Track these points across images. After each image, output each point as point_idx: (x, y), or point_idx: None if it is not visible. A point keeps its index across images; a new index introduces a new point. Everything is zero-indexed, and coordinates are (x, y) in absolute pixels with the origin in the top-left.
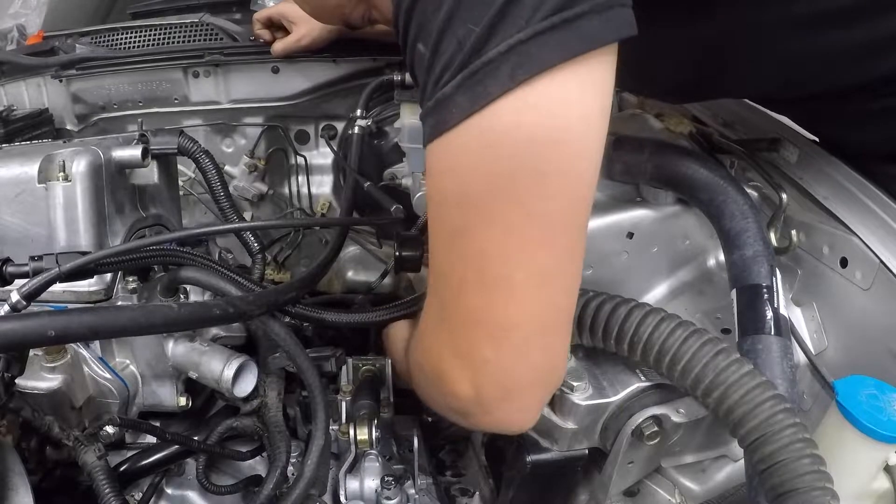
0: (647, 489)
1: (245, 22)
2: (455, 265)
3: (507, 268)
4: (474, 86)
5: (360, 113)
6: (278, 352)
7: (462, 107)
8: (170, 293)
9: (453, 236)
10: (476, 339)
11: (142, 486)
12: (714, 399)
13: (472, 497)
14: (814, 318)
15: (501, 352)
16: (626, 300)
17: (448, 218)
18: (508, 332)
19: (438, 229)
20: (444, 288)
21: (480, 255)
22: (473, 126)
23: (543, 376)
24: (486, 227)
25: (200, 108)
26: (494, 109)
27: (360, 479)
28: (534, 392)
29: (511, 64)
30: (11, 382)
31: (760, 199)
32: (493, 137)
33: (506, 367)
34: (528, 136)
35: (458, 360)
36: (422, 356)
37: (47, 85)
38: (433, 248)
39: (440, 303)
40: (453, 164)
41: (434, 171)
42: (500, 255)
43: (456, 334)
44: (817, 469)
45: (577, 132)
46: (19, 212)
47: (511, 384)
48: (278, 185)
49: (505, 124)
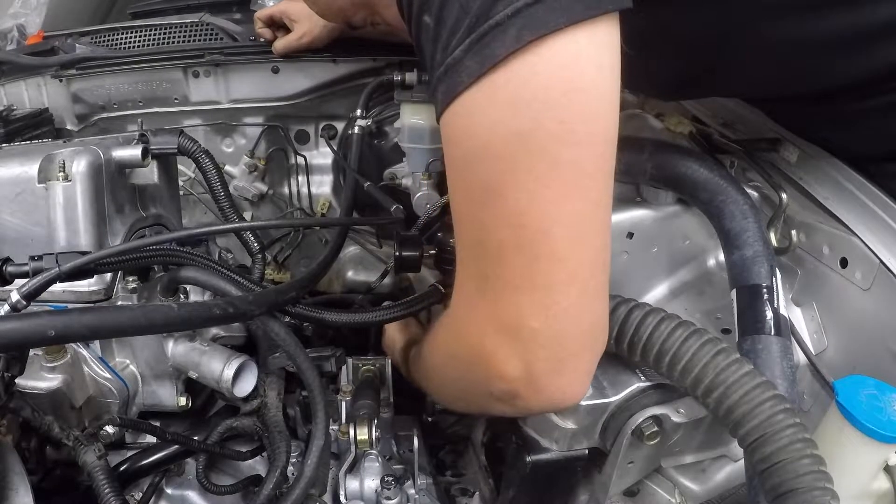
0: (647, 489)
1: (245, 22)
2: (490, 229)
3: (545, 222)
4: (482, 49)
5: (360, 113)
6: (278, 352)
7: (471, 69)
8: (170, 293)
9: (486, 198)
10: (522, 308)
11: (142, 486)
12: (714, 399)
13: (472, 497)
14: (814, 318)
15: (550, 319)
16: (627, 300)
17: (477, 181)
18: (556, 296)
19: (467, 196)
20: (482, 256)
21: (516, 213)
22: (488, 85)
23: (593, 341)
24: (517, 183)
25: (200, 108)
26: (506, 68)
27: (360, 479)
28: (586, 359)
29: (517, 26)
30: (11, 382)
31: (760, 199)
32: (509, 94)
33: (556, 335)
34: (545, 87)
35: (504, 336)
36: (456, 343)
37: (47, 85)
38: (462, 218)
39: (478, 275)
40: (474, 124)
41: (454, 136)
42: (536, 209)
43: (499, 306)
44: (817, 469)
45: (592, 79)
46: (19, 211)
47: (564, 353)
48: (278, 185)
49: (519, 80)
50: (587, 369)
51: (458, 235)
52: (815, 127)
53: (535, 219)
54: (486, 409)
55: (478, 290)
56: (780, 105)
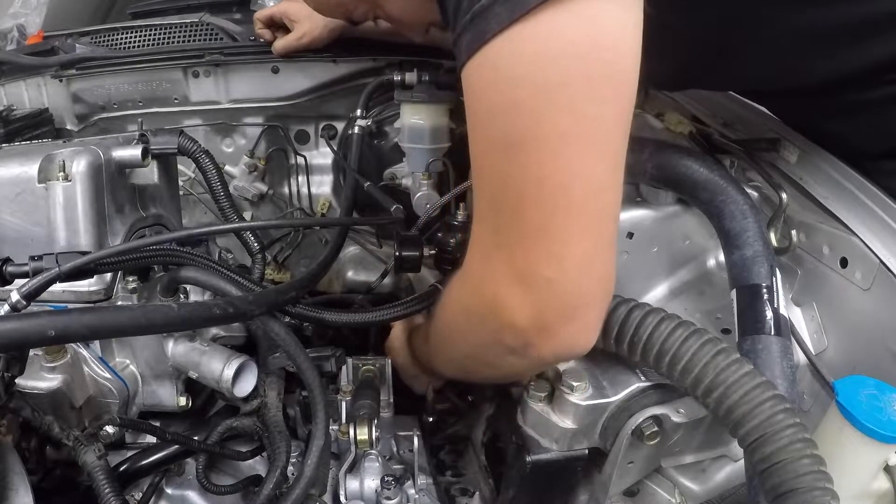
0: (647, 489)
1: (245, 22)
2: (510, 182)
3: (566, 176)
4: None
5: (360, 113)
6: (278, 352)
7: (501, 17)
8: (170, 293)
9: (508, 151)
10: (537, 259)
11: (142, 486)
12: (714, 399)
13: (472, 497)
14: (814, 318)
15: (564, 269)
16: (626, 300)
17: (499, 133)
18: (570, 248)
19: (488, 148)
20: (500, 208)
21: (538, 165)
22: (515, 35)
23: (603, 291)
24: (541, 138)
25: (200, 108)
26: (535, 19)
27: (360, 479)
28: (596, 307)
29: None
30: (11, 382)
31: (760, 199)
32: (537, 45)
33: (569, 284)
34: (573, 41)
35: (518, 286)
36: (470, 296)
37: (47, 85)
38: (483, 169)
39: (494, 227)
40: (500, 76)
41: (477, 87)
42: (558, 164)
43: (515, 257)
44: (817, 469)
45: (617, 37)
46: (19, 211)
47: (575, 301)
48: (278, 185)
49: (549, 31)
50: (597, 318)
51: (477, 188)
52: (815, 121)
53: (556, 172)
54: (497, 364)
55: (493, 242)
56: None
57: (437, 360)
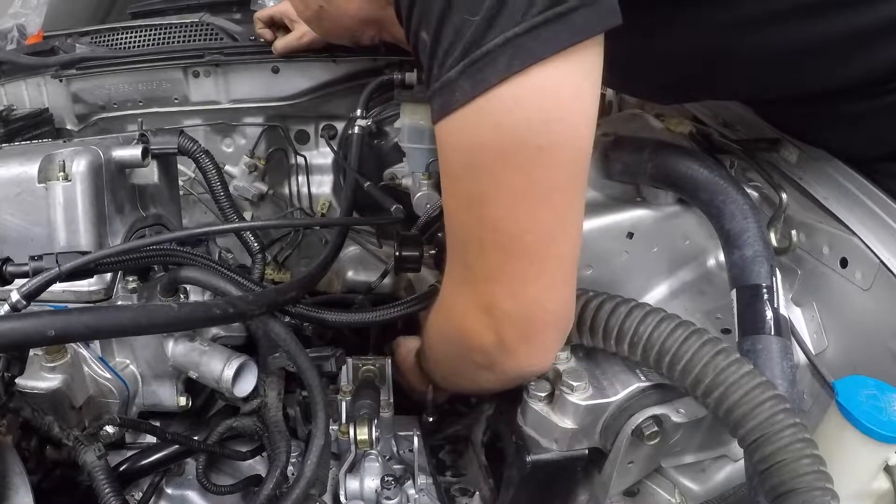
0: (647, 489)
1: (245, 22)
2: (474, 230)
3: (519, 228)
4: (475, 73)
5: (360, 113)
6: (278, 352)
7: (465, 91)
8: (170, 293)
9: (470, 204)
10: (498, 295)
11: (142, 486)
12: (714, 399)
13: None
14: (814, 318)
15: (520, 304)
16: (626, 300)
17: (464, 189)
18: (525, 287)
19: (456, 200)
20: (467, 250)
21: (495, 219)
22: (476, 108)
23: (557, 320)
24: (497, 195)
25: (200, 107)
26: (495, 94)
27: (360, 479)
28: (550, 334)
29: (508, 56)
30: (11, 382)
31: (760, 199)
32: (496, 118)
33: (525, 315)
34: (527, 116)
35: (482, 315)
36: (444, 322)
37: (47, 85)
38: (452, 217)
39: (462, 266)
40: (463, 141)
41: (446, 147)
42: (512, 218)
43: (479, 291)
44: (817, 469)
45: (570, 111)
46: (19, 211)
47: (531, 329)
48: (278, 185)
49: (505, 107)
50: (552, 343)
51: (448, 232)
52: (814, 129)
53: (510, 225)
54: (475, 380)
55: (462, 278)
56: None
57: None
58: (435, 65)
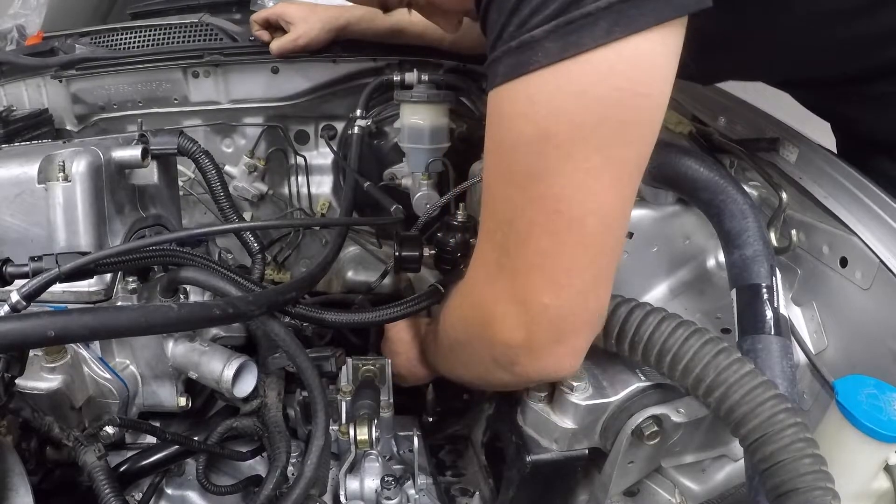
0: (647, 489)
1: (245, 22)
2: (525, 210)
3: (582, 210)
4: (568, 35)
5: (360, 113)
6: (278, 352)
7: (550, 52)
8: (170, 293)
9: (526, 181)
10: (539, 285)
11: (142, 486)
12: (715, 399)
13: (472, 497)
14: (814, 318)
15: (561, 298)
16: (627, 300)
17: (521, 162)
18: (572, 279)
19: (506, 175)
20: (508, 232)
21: (556, 198)
22: (563, 71)
23: (594, 319)
24: (566, 171)
25: (200, 108)
26: (587, 59)
27: (360, 479)
28: (584, 335)
29: (609, 21)
30: (11, 382)
31: (760, 199)
32: (582, 86)
33: (563, 312)
34: (618, 87)
35: (515, 307)
36: (469, 307)
37: (47, 85)
38: (496, 193)
39: (500, 250)
40: (535, 108)
41: (507, 113)
42: (577, 198)
43: (517, 281)
44: (818, 469)
45: (659, 87)
46: (19, 212)
47: (566, 328)
48: (278, 185)
49: (597, 74)
50: (584, 345)
51: (487, 212)
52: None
53: (573, 207)
54: (488, 376)
55: (497, 262)
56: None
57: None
58: (514, 21)
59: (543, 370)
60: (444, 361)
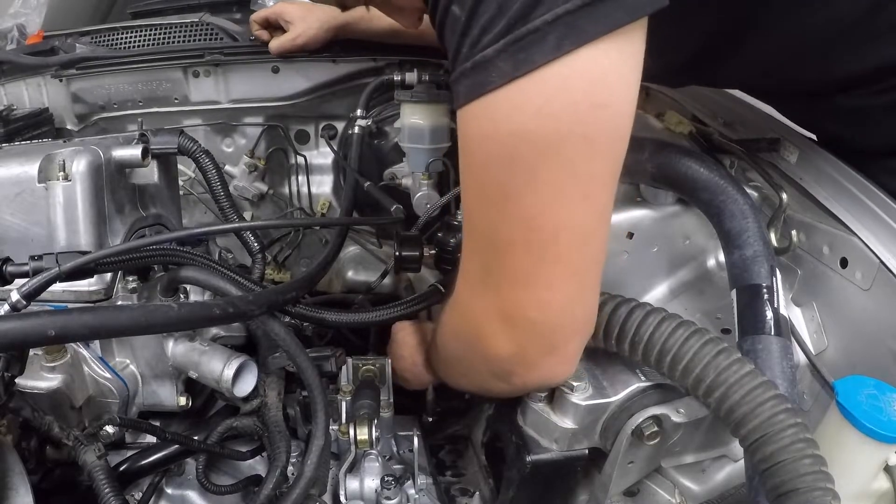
0: (647, 489)
1: (245, 22)
2: (501, 228)
3: (555, 227)
4: (517, 52)
5: (360, 113)
6: (278, 351)
7: (504, 71)
8: (170, 293)
9: (499, 200)
10: (523, 302)
11: (142, 486)
12: (715, 399)
13: (472, 497)
14: (814, 318)
15: (547, 312)
16: (627, 300)
17: (492, 182)
18: (554, 293)
19: (480, 194)
20: (489, 252)
21: (529, 217)
22: (517, 90)
23: (584, 326)
24: (535, 189)
25: (200, 107)
26: (539, 76)
27: (360, 479)
28: (575, 342)
29: (558, 34)
30: (11, 382)
31: (760, 199)
32: (537, 104)
33: (551, 325)
34: (574, 101)
35: (503, 323)
36: (459, 323)
37: (47, 85)
38: (474, 212)
39: (483, 267)
40: (498, 128)
41: (473, 134)
42: (548, 215)
43: (502, 297)
44: (818, 469)
45: (619, 96)
46: (19, 211)
47: (556, 339)
48: (278, 185)
49: (551, 90)
50: (576, 352)
51: (467, 228)
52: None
53: (546, 223)
54: (487, 386)
55: (481, 280)
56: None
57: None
58: (466, 43)
59: (539, 379)
60: (446, 371)
